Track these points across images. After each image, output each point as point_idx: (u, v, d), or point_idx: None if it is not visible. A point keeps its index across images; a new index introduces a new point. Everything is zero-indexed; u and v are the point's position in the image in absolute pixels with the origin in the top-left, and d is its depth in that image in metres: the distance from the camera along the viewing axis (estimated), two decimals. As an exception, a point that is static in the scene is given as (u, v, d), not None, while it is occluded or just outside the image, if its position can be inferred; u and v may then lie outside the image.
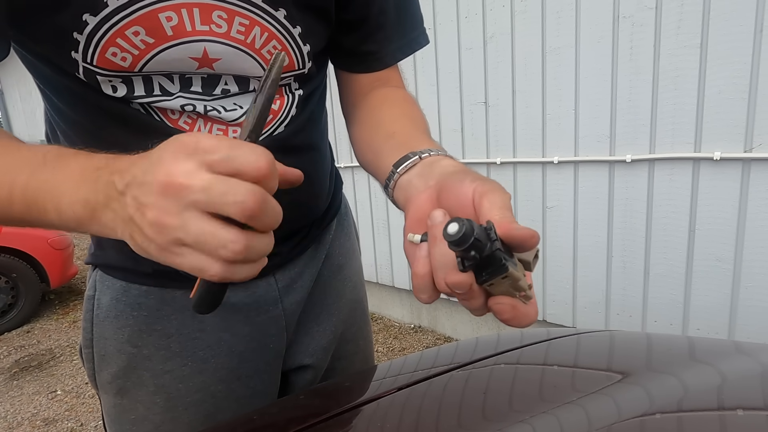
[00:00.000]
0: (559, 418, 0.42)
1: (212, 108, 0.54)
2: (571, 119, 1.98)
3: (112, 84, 0.50)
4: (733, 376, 0.48)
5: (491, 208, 0.36)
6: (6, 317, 3.71)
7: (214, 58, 0.51)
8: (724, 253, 1.70)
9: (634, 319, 1.99)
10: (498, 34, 2.14)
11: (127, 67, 0.48)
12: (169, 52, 0.48)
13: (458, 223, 0.32)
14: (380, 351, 2.77)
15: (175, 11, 0.47)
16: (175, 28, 0.47)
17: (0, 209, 0.40)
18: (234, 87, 0.55)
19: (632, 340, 0.63)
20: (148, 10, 0.45)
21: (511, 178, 2.24)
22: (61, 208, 0.37)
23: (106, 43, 0.46)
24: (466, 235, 0.31)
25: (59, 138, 0.60)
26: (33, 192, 0.38)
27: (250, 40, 0.51)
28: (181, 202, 0.31)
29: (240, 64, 0.53)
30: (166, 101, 0.52)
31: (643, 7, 1.72)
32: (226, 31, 0.50)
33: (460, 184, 0.39)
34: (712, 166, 1.67)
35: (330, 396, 0.60)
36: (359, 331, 0.78)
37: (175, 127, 0.55)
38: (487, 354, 0.58)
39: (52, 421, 2.48)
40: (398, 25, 0.62)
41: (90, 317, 0.62)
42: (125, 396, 0.62)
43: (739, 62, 1.56)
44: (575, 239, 2.09)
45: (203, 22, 0.48)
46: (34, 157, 0.39)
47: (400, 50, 0.64)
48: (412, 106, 0.61)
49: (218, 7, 0.48)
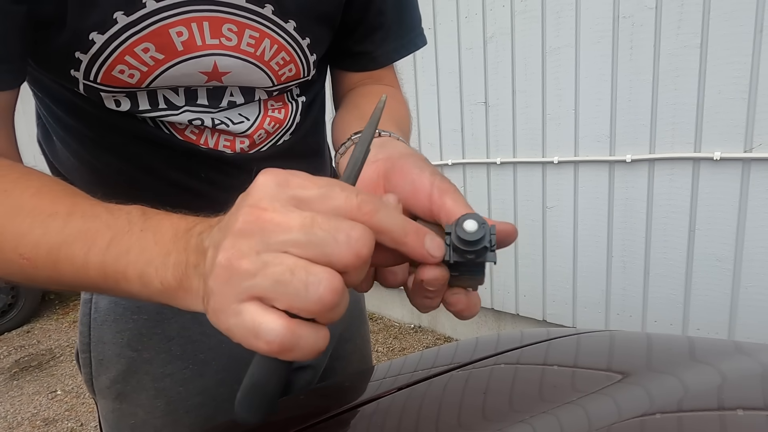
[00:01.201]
0: (559, 418, 0.42)
1: (220, 121, 0.54)
2: (571, 119, 1.98)
3: (116, 99, 0.49)
4: (733, 376, 0.48)
5: (457, 207, 0.34)
6: (6, 317, 3.71)
7: (224, 72, 0.50)
8: (724, 252, 1.70)
9: (634, 319, 1.99)
10: (498, 34, 2.14)
11: (134, 83, 0.47)
12: (179, 67, 0.47)
13: (477, 222, 0.29)
14: (380, 351, 2.77)
15: (185, 26, 0.46)
16: (186, 42, 0.46)
17: (71, 277, 0.34)
18: (240, 98, 0.55)
19: (632, 340, 0.63)
20: (159, 26, 0.44)
21: (511, 178, 2.24)
22: (147, 276, 0.31)
23: (114, 61, 0.45)
24: (483, 238, 0.29)
25: (55, 145, 0.58)
26: (113, 260, 0.32)
27: (260, 53, 0.51)
28: (266, 240, 0.26)
29: (249, 76, 0.52)
30: (173, 115, 0.51)
31: (643, 7, 1.72)
32: (236, 44, 0.49)
33: (420, 173, 0.37)
34: (712, 166, 1.67)
35: (330, 396, 0.60)
36: (357, 330, 0.78)
37: (183, 138, 0.54)
38: (487, 354, 0.58)
39: (52, 421, 2.48)
40: (396, 26, 0.62)
41: (87, 321, 0.60)
42: (124, 401, 0.61)
43: (739, 62, 1.56)
44: (575, 239, 2.09)
45: (213, 36, 0.47)
46: (115, 219, 0.33)
47: (396, 51, 0.63)
48: (397, 103, 0.60)
49: (228, 20, 0.47)
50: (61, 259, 0.34)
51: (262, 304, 0.26)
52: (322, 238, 0.25)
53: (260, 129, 0.58)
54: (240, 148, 0.58)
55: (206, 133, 0.55)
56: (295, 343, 0.26)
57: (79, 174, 0.58)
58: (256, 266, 0.25)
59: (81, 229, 0.33)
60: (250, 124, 0.56)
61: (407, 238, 0.29)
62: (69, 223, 0.34)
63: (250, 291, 0.26)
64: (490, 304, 2.49)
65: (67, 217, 0.34)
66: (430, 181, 0.36)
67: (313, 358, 0.27)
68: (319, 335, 0.27)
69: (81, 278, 0.34)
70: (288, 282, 0.25)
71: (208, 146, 0.56)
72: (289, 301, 0.25)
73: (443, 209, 0.34)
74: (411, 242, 0.29)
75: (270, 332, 0.25)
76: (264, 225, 0.26)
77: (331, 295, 0.25)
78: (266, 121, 0.58)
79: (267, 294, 0.25)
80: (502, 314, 2.49)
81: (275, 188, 0.27)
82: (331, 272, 0.25)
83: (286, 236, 0.25)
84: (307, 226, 0.26)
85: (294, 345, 0.26)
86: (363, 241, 0.26)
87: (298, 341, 0.26)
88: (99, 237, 0.33)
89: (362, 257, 0.26)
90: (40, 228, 0.34)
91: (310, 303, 0.25)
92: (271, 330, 0.25)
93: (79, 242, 0.33)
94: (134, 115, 0.51)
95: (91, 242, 0.33)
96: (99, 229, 0.33)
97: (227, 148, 0.57)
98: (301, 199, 0.27)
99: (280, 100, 0.59)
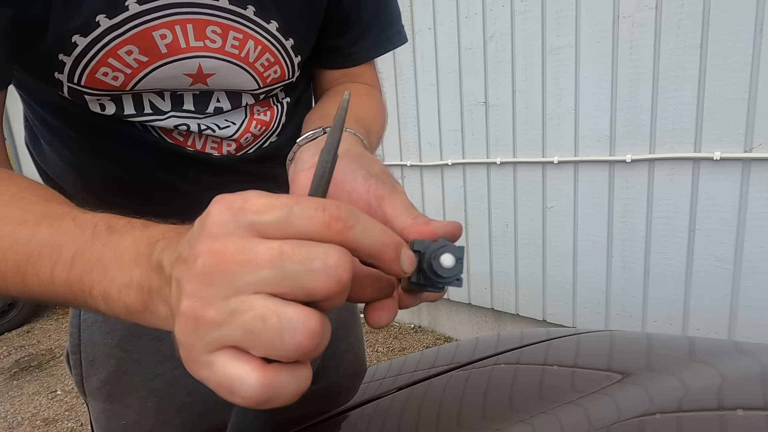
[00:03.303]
0: (559, 418, 0.42)
1: (206, 126, 0.54)
2: (571, 119, 1.98)
3: (101, 102, 0.49)
4: (733, 376, 0.48)
5: (399, 214, 0.32)
6: (6, 317, 3.71)
7: (208, 74, 0.50)
8: (724, 253, 1.70)
9: (634, 319, 1.99)
10: (498, 34, 2.14)
11: (119, 86, 0.47)
12: (163, 69, 0.47)
13: (455, 258, 0.28)
14: (380, 351, 2.77)
15: (169, 28, 0.46)
16: (170, 45, 0.46)
17: (39, 291, 0.32)
18: (226, 104, 0.55)
19: (632, 340, 0.63)
20: (142, 28, 0.44)
21: (511, 178, 2.24)
22: (111, 297, 0.28)
23: (97, 63, 0.45)
24: (457, 269, 0.28)
25: (43, 148, 0.58)
26: (77, 278, 0.30)
27: (244, 54, 0.51)
28: (232, 284, 0.23)
29: (234, 78, 0.52)
30: (159, 120, 0.51)
31: (643, 7, 1.72)
32: (220, 46, 0.49)
33: (353, 181, 0.35)
34: (712, 166, 1.67)
35: (330, 396, 0.60)
36: (349, 329, 0.78)
37: (171, 140, 0.54)
38: (487, 354, 0.58)
39: (52, 421, 2.48)
40: (374, 23, 0.61)
41: (77, 322, 0.60)
42: (115, 401, 0.61)
43: (739, 62, 1.56)
44: (575, 239, 2.09)
45: (197, 38, 0.47)
46: (80, 232, 0.31)
47: (374, 48, 0.63)
48: (367, 99, 0.60)
49: (212, 23, 0.47)
50: (29, 273, 0.32)
51: (236, 351, 0.23)
52: (296, 272, 0.22)
53: (247, 132, 0.58)
54: (227, 150, 0.58)
55: (193, 136, 0.55)
56: (274, 393, 0.23)
57: (66, 176, 0.58)
58: (223, 315, 0.23)
59: (48, 242, 0.31)
60: (237, 128, 0.57)
61: (384, 255, 0.26)
62: (36, 234, 0.32)
63: (219, 342, 0.23)
64: (490, 304, 2.49)
65: (34, 227, 0.32)
66: (365, 189, 0.34)
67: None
68: (301, 377, 0.24)
69: (50, 294, 0.32)
70: (260, 331, 0.22)
71: (196, 148, 0.56)
72: (265, 350, 0.23)
73: (385, 220, 0.32)
74: (387, 258, 0.26)
75: (244, 388, 0.23)
76: (227, 267, 0.23)
77: (309, 339, 0.22)
78: (252, 124, 0.58)
79: (239, 344, 0.23)
80: (502, 314, 2.49)
81: (231, 219, 0.24)
82: (306, 313, 0.23)
83: (254, 275, 0.22)
84: (276, 259, 0.22)
85: (273, 396, 0.23)
86: (342, 266, 0.23)
87: (277, 391, 0.23)
88: (64, 251, 0.30)
89: (343, 283, 0.23)
90: (8, 238, 0.33)
91: (288, 351, 0.23)
92: (244, 386, 0.23)
93: (45, 257, 0.31)
94: (120, 119, 0.51)
95: (56, 257, 0.31)
96: (64, 243, 0.31)
97: (215, 150, 0.57)
98: (262, 226, 0.23)
99: (266, 104, 0.59)
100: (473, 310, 2.64)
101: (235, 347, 0.23)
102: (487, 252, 2.42)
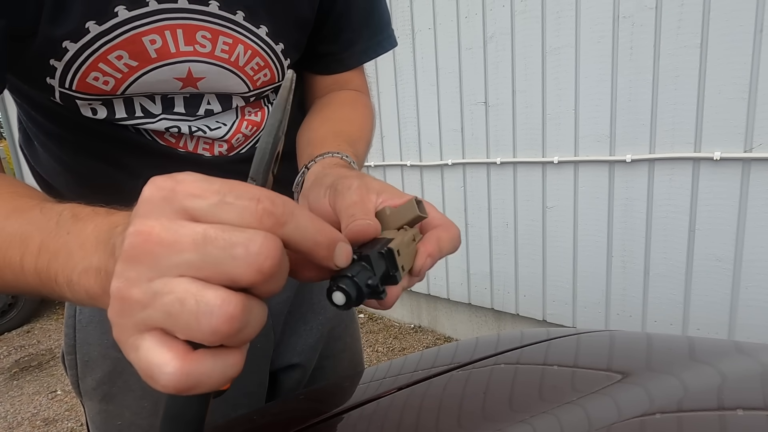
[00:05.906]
0: (559, 418, 0.42)
1: (197, 128, 0.55)
2: (571, 119, 1.98)
3: (92, 107, 0.49)
4: (733, 376, 0.48)
5: (347, 207, 0.34)
6: (6, 317, 3.71)
7: (198, 77, 0.50)
8: (724, 253, 1.70)
9: (634, 319, 1.99)
10: (498, 34, 2.14)
11: (110, 90, 0.48)
12: (153, 74, 0.48)
13: (340, 291, 0.29)
14: (380, 351, 2.77)
15: (159, 34, 0.46)
16: (159, 50, 0.47)
17: (13, 282, 0.33)
18: (217, 106, 0.55)
19: (632, 340, 0.63)
20: (132, 34, 0.45)
21: (511, 178, 2.24)
22: (73, 283, 0.29)
23: (88, 68, 0.45)
24: (358, 297, 0.29)
25: (37, 150, 0.58)
26: (44, 265, 0.30)
27: (234, 58, 0.51)
28: (157, 265, 0.23)
29: (224, 82, 0.52)
30: (150, 123, 0.52)
31: (643, 7, 1.72)
32: (210, 50, 0.49)
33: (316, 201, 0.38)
34: (712, 166, 1.67)
35: (330, 396, 0.60)
36: (346, 328, 0.78)
37: (163, 142, 0.54)
38: (487, 354, 0.58)
39: (52, 421, 2.48)
40: (364, 28, 0.62)
41: (72, 323, 0.60)
42: (111, 402, 0.61)
43: (739, 62, 1.56)
44: (575, 239, 2.09)
45: (187, 43, 0.48)
46: (46, 222, 0.32)
47: (365, 53, 0.63)
48: (352, 109, 0.60)
49: (202, 27, 0.48)
50: (1, 265, 0.33)
51: (162, 335, 0.23)
52: (217, 257, 0.22)
53: (238, 133, 0.58)
54: (219, 151, 0.59)
55: (185, 138, 0.56)
56: (195, 381, 0.23)
57: (60, 178, 0.58)
58: (147, 296, 0.22)
59: (16, 233, 0.32)
60: (228, 129, 0.57)
61: (315, 253, 0.26)
62: (6, 227, 0.33)
63: (145, 323, 0.23)
64: (490, 304, 2.49)
65: (4, 220, 0.33)
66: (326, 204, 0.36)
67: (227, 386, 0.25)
68: (228, 363, 0.23)
69: (22, 283, 0.32)
70: (178, 314, 0.22)
71: (188, 150, 0.57)
72: (185, 333, 0.22)
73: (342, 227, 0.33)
74: (318, 257, 0.26)
75: (162, 376, 0.22)
76: (152, 248, 0.22)
77: (227, 324, 0.22)
78: (243, 125, 0.58)
79: (163, 326, 0.23)
80: (502, 314, 2.49)
81: (161, 201, 0.23)
82: (225, 297, 0.22)
83: (177, 258, 0.22)
84: (199, 243, 0.22)
85: (194, 384, 0.23)
86: (265, 253, 0.22)
87: (199, 379, 0.23)
88: (30, 241, 0.31)
89: (265, 272, 0.22)
90: None
91: (205, 334, 0.22)
92: (163, 374, 0.22)
93: (14, 247, 0.32)
94: (112, 122, 0.51)
95: (24, 247, 0.31)
96: (31, 233, 0.31)
97: (206, 151, 0.58)
98: (193, 211, 0.23)
99: (257, 105, 0.60)
100: (473, 310, 2.64)
101: (162, 330, 0.23)
102: (487, 252, 2.43)
